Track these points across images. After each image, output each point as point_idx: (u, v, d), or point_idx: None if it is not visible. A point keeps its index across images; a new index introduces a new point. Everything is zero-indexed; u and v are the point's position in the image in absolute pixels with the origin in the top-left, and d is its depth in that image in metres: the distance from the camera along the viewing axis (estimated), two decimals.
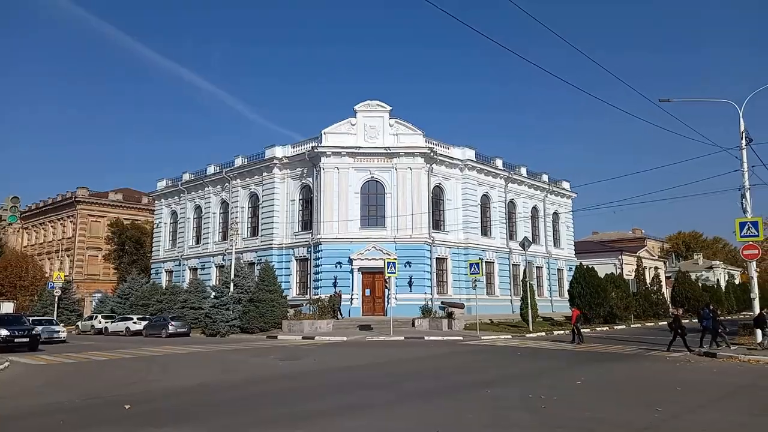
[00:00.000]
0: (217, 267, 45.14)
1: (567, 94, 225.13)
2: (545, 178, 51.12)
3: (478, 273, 29.82)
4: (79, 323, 42.27)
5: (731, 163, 21.44)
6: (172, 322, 31.65)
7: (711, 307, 21.10)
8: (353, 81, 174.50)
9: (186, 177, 49.85)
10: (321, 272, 36.62)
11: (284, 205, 41.25)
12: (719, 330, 20.34)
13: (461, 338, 26.42)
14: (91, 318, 41.25)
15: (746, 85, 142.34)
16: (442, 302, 35.70)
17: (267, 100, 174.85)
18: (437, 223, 40.25)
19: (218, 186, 46.47)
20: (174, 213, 51.53)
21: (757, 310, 20.60)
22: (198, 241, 48.30)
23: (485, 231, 43.73)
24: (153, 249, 53.77)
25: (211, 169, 47.36)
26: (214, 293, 34.05)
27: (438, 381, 13.56)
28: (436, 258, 39.20)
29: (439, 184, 40.61)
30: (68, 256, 67.57)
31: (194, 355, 21.03)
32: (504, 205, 45.56)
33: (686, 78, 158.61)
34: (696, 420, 8.97)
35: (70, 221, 68.71)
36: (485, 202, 44.23)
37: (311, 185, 39.40)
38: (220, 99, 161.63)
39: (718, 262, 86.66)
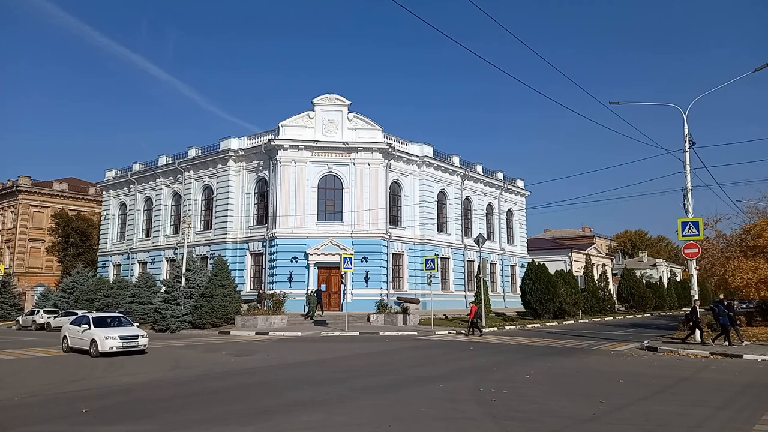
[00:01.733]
0: (167, 261, 43.98)
1: (525, 93, 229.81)
2: (500, 176, 52.10)
3: (434, 269, 30.12)
4: (19, 318, 40.38)
5: (676, 164, 22.38)
6: None
7: (726, 302, 20.20)
8: (313, 74, 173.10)
9: (136, 167, 48.26)
10: (276, 267, 36.20)
11: (239, 198, 40.56)
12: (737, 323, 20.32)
13: (416, 333, 26.67)
14: (32, 313, 39.38)
15: (692, 91, 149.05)
16: (397, 298, 35.95)
17: (224, 91, 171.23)
18: (394, 219, 40.44)
19: (170, 177, 45.23)
20: (123, 204, 49.85)
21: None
22: (148, 234, 46.93)
23: (441, 227, 44.23)
24: (100, 241, 51.88)
25: (163, 160, 46.02)
26: (164, 288, 33.15)
27: (391, 376, 13.66)
28: (393, 253, 39.40)
29: (397, 180, 40.80)
30: (8, 248, 64.31)
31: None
32: (460, 202, 46.22)
33: (638, 81, 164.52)
34: (637, 411, 9.36)
35: (11, 211, 65.38)
36: (442, 198, 44.73)
37: (267, 178, 38.86)
38: (175, 88, 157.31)
39: (661, 260, 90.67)
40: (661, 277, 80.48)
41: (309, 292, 33.79)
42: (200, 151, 43.21)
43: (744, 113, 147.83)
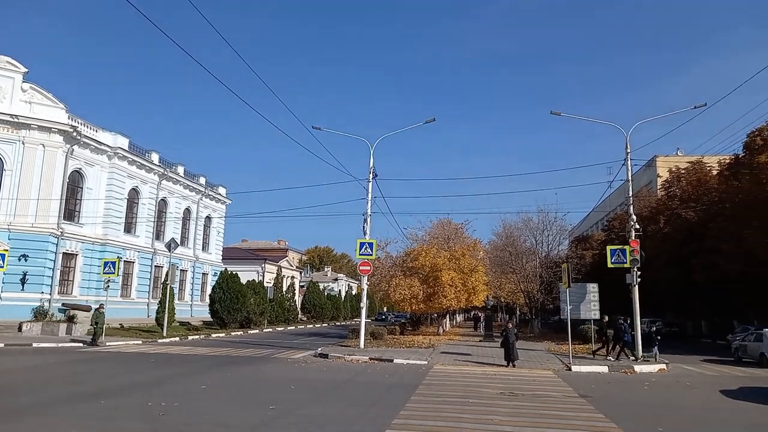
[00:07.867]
0: None
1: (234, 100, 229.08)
2: (203, 180, 50.57)
3: (114, 273, 27.05)
4: None
5: (362, 191, 25.38)
6: None
7: (628, 321, 21.44)
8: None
9: None
10: None
11: None
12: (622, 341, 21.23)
13: (82, 345, 23.46)
14: None
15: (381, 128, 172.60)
16: (63, 304, 31.22)
17: None
18: (71, 214, 35.16)
19: None
20: None
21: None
22: None
23: (129, 228, 40.33)
24: None
25: None
26: None
27: (40, 395, 11.58)
28: (64, 253, 34.09)
29: (80, 169, 35.67)
30: None
31: None
32: (155, 203, 43.00)
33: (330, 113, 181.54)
34: (303, 414, 10.01)
35: None
36: (134, 196, 40.89)
37: None
38: None
39: (342, 275, 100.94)
40: (340, 290, 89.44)
41: (97, 309, 24.52)
42: None
43: (420, 154, 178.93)
